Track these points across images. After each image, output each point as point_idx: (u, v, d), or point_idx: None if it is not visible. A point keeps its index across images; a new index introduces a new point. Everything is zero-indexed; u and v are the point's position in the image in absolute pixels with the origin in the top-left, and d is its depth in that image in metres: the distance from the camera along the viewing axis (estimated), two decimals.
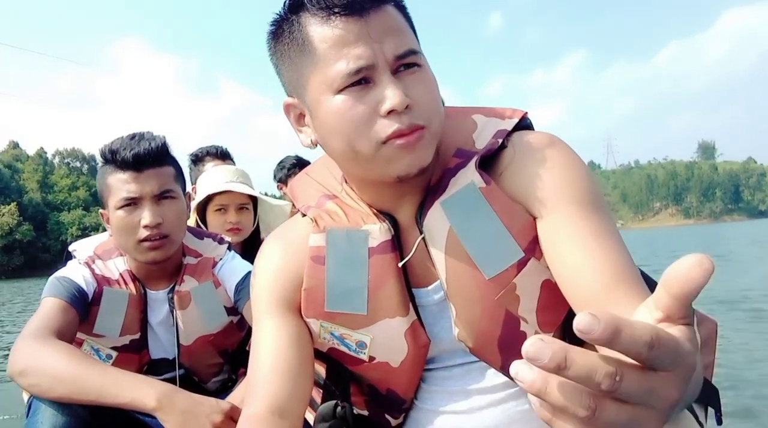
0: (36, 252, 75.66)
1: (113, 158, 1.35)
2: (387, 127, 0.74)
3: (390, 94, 0.72)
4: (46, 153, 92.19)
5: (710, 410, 0.92)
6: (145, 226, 1.34)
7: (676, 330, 0.39)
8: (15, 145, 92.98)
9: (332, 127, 0.77)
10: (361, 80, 0.74)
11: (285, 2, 0.78)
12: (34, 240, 75.20)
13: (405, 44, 0.75)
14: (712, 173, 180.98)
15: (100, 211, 1.43)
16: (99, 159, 1.40)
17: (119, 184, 1.34)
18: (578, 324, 0.34)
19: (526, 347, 0.35)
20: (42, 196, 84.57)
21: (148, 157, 1.35)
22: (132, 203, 1.34)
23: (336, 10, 0.73)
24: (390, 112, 0.73)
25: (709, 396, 0.89)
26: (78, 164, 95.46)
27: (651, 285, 0.82)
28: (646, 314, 0.42)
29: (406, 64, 0.75)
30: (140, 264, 1.44)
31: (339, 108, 0.75)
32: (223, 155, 2.48)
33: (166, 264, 1.44)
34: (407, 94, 0.73)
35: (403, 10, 0.79)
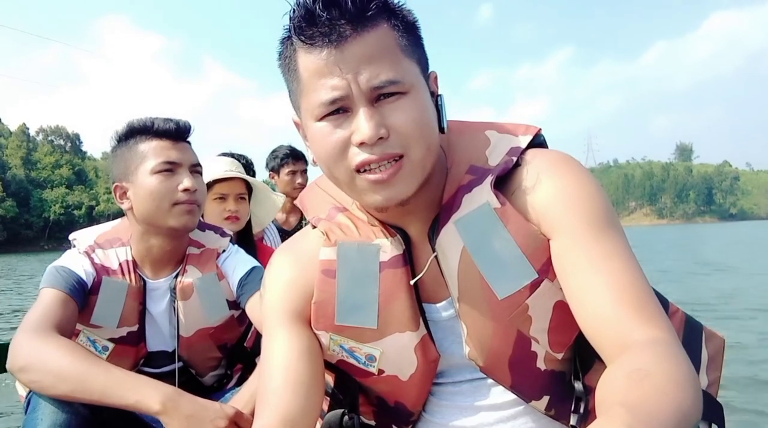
0: (19, 228, 75.36)
1: (150, 128, 1.37)
2: (357, 156, 0.74)
3: (361, 127, 0.73)
4: (28, 129, 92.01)
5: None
6: (185, 190, 1.35)
7: None
8: None
9: (316, 152, 0.79)
10: (339, 109, 0.74)
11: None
12: (17, 216, 74.89)
13: (383, 74, 0.73)
14: (687, 175, 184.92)
15: (115, 184, 1.41)
16: (114, 137, 1.42)
17: (157, 150, 1.36)
18: None
19: None
20: (25, 172, 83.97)
21: (186, 130, 1.41)
22: (170, 169, 1.36)
23: (314, 41, 0.73)
24: (361, 144, 0.74)
25: (713, 413, 0.89)
26: (62, 142, 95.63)
27: (663, 303, 0.83)
28: None
29: (386, 93, 0.74)
30: (148, 248, 1.43)
31: (318, 135, 0.76)
32: None
33: (171, 250, 1.44)
34: (384, 123, 0.74)
35: (400, 29, 0.76)
